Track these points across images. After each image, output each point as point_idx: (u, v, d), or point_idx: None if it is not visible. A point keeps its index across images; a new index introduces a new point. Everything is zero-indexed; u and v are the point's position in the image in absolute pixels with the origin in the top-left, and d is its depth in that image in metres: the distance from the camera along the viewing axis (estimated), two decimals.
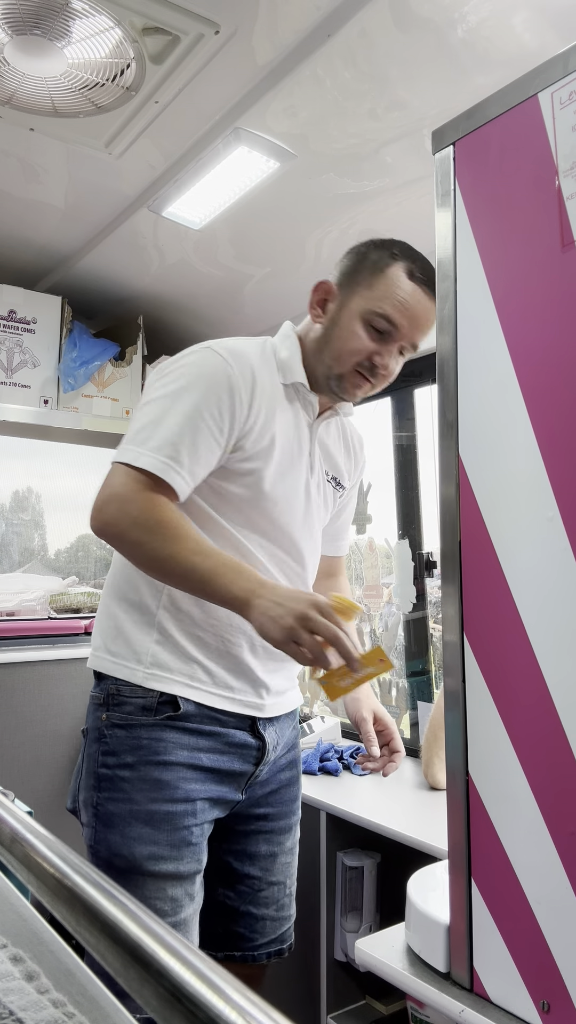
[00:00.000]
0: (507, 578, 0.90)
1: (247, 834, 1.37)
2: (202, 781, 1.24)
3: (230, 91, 1.51)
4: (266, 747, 1.31)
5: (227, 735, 1.27)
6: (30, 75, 1.46)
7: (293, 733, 1.43)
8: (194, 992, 0.31)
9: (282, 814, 1.40)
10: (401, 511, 2.41)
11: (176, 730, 1.23)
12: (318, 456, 1.37)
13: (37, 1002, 0.43)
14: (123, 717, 1.23)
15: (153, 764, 1.21)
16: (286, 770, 1.40)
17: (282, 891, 1.40)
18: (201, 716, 1.25)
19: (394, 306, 1.24)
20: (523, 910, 0.87)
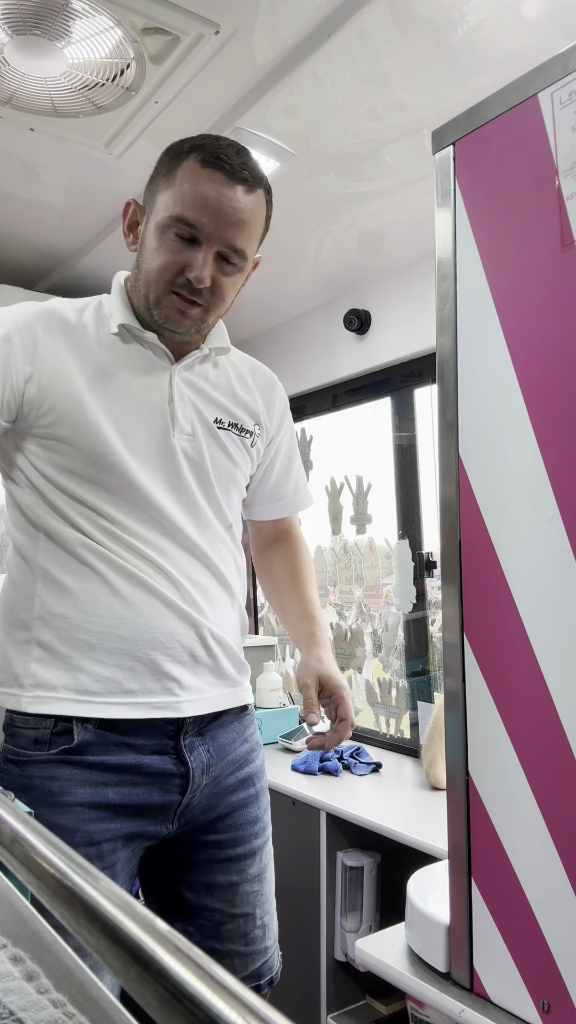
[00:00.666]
0: (507, 578, 0.90)
1: (199, 864, 1.19)
2: (110, 819, 1.07)
3: (230, 91, 1.51)
4: (190, 773, 1.12)
5: (139, 765, 1.09)
6: (30, 75, 1.46)
7: (244, 748, 1.22)
8: (194, 992, 0.31)
9: (238, 840, 1.20)
10: (401, 511, 2.41)
11: (73, 766, 1.06)
12: (187, 404, 1.16)
13: (37, 1002, 0.43)
14: (16, 752, 1.08)
15: (48, 807, 1.04)
16: (238, 791, 1.20)
17: (250, 923, 1.21)
18: (104, 744, 1.07)
19: (189, 204, 1.05)
20: (523, 910, 0.87)
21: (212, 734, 1.17)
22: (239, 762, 1.21)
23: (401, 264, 2.20)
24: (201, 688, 1.14)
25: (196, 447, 1.16)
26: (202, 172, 1.05)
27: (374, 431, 2.50)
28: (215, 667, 1.16)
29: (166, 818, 1.12)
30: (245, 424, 1.24)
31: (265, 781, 1.27)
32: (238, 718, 1.23)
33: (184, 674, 1.12)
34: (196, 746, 1.14)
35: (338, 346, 2.44)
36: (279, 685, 2.58)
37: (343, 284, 2.35)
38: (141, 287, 1.13)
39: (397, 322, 2.26)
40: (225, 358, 1.25)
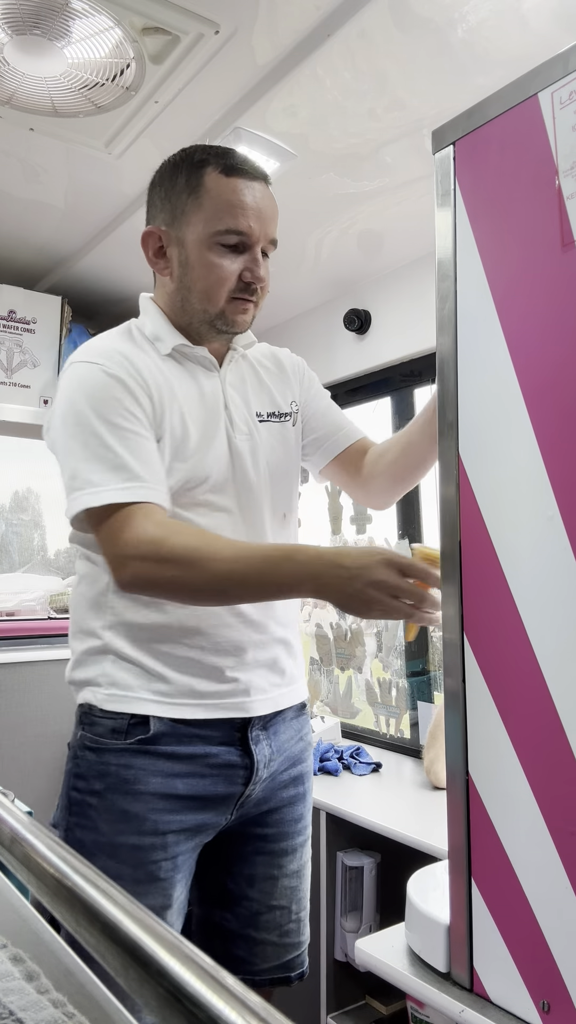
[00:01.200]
0: (507, 578, 0.90)
1: (244, 855, 1.26)
2: (177, 811, 1.13)
3: (230, 91, 1.51)
4: (255, 765, 1.19)
5: (209, 756, 1.15)
6: (30, 75, 1.46)
7: (299, 746, 1.30)
8: (194, 992, 0.31)
9: (284, 835, 1.28)
10: (401, 511, 2.41)
11: (148, 755, 1.12)
12: (238, 408, 1.23)
13: (37, 1002, 0.43)
14: (94, 739, 1.14)
15: (121, 794, 1.11)
16: (290, 787, 1.28)
17: (286, 916, 1.28)
18: (177, 736, 1.14)
19: (230, 214, 1.10)
20: (523, 910, 0.87)
21: (275, 729, 1.23)
22: (293, 760, 1.28)
23: (401, 264, 2.20)
24: (265, 688, 1.21)
25: (253, 444, 1.22)
26: (228, 181, 1.11)
27: (374, 431, 2.50)
28: (278, 667, 1.23)
29: (227, 809, 1.18)
30: (282, 408, 1.29)
31: (311, 783, 1.35)
32: (297, 716, 1.30)
33: (250, 676, 1.19)
34: (260, 740, 1.20)
35: (338, 346, 2.44)
36: None
37: (343, 284, 2.35)
38: (195, 303, 1.17)
39: (397, 322, 2.26)
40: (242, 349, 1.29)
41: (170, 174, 1.15)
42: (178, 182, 1.14)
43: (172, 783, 1.13)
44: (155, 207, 1.18)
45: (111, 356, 1.12)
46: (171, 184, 1.15)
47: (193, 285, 1.15)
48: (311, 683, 2.77)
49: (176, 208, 1.14)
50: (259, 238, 1.13)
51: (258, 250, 1.14)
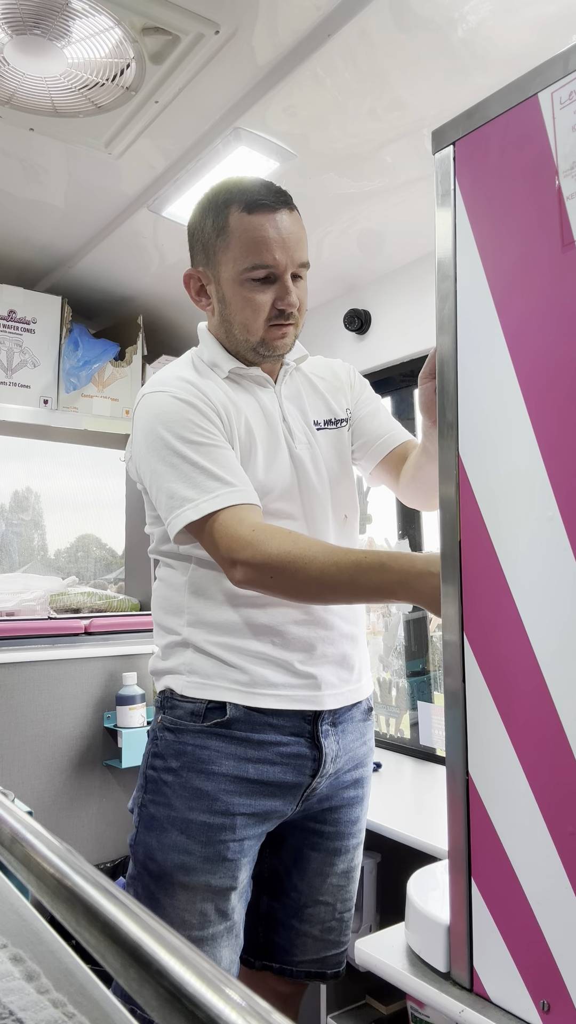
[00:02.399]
0: (507, 578, 0.90)
1: (299, 847, 1.32)
2: (247, 795, 1.20)
3: (230, 91, 1.51)
4: (323, 758, 1.25)
5: (280, 744, 1.22)
6: (30, 75, 1.46)
7: (363, 750, 1.35)
8: (194, 992, 0.31)
9: (339, 834, 1.33)
10: (401, 511, 2.41)
11: (223, 738, 1.20)
12: (295, 419, 1.31)
13: (37, 1002, 0.43)
14: (173, 721, 1.23)
15: (195, 772, 1.19)
16: (351, 788, 1.33)
17: (329, 912, 1.33)
18: (251, 723, 1.21)
19: (258, 250, 1.17)
20: (523, 910, 0.87)
21: (343, 728, 1.29)
22: (356, 762, 1.34)
23: (401, 264, 2.20)
24: (335, 683, 1.27)
25: (312, 452, 1.30)
26: (251, 219, 1.17)
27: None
28: (347, 662, 1.29)
29: (294, 798, 1.25)
30: (337, 414, 1.37)
31: (369, 788, 1.39)
32: (364, 719, 1.36)
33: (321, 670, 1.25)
34: (329, 735, 1.26)
35: (338, 346, 2.44)
36: None
37: (343, 284, 2.35)
38: (238, 335, 1.25)
39: (397, 322, 2.26)
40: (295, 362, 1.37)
41: (200, 218, 1.24)
42: (207, 225, 1.22)
43: (244, 767, 1.20)
44: (193, 249, 1.27)
45: (176, 383, 1.22)
46: (202, 227, 1.23)
47: (233, 319, 1.24)
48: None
49: (208, 250, 1.23)
50: (286, 267, 1.19)
51: (287, 278, 1.20)
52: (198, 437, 1.17)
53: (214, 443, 1.18)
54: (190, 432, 1.17)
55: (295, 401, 1.33)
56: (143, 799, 1.22)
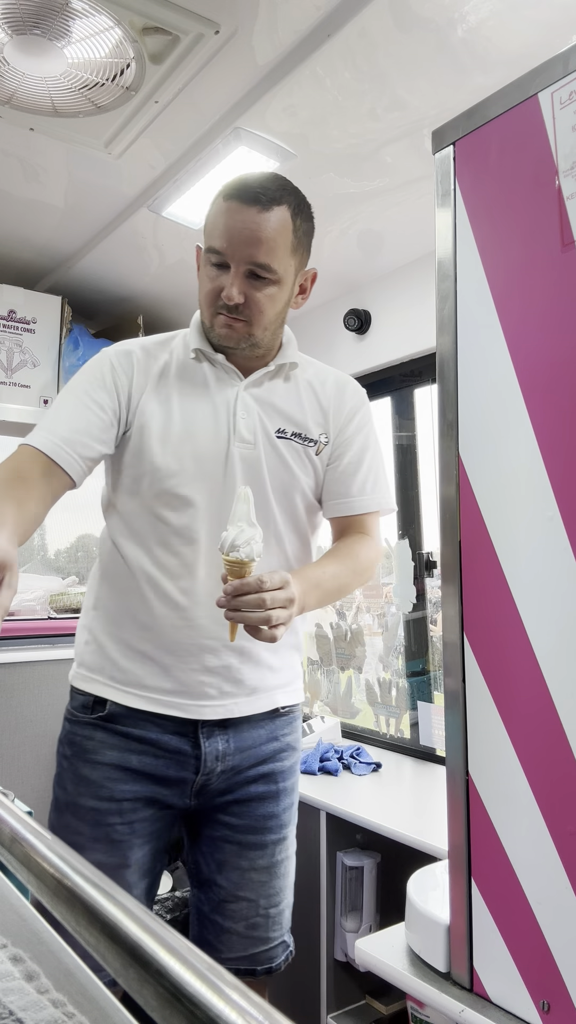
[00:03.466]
0: (507, 578, 0.90)
1: (214, 840, 1.30)
2: (132, 781, 1.23)
3: (230, 91, 1.51)
4: (203, 757, 1.23)
5: (159, 741, 1.23)
6: (30, 75, 1.46)
7: (273, 746, 1.30)
8: (194, 992, 0.31)
9: (252, 828, 1.28)
10: (401, 511, 2.41)
11: (107, 731, 1.24)
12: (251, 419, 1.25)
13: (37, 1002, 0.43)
14: (69, 712, 1.29)
15: (82, 761, 1.24)
16: (258, 784, 1.29)
17: (253, 909, 1.29)
18: (132, 718, 1.23)
19: (213, 235, 1.18)
20: (523, 910, 0.87)
21: (237, 729, 1.27)
22: (263, 758, 1.29)
23: (401, 264, 2.20)
24: (214, 696, 1.23)
25: (255, 455, 1.25)
26: (224, 204, 1.17)
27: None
28: (232, 676, 1.24)
29: (183, 792, 1.25)
30: (310, 433, 1.30)
31: (292, 784, 1.34)
32: (270, 718, 1.30)
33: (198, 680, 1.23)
34: (215, 735, 1.25)
35: (338, 346, 2.44)
36: None
37: (343, 284, 2.35)
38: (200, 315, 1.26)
39: (397, 322, 2.26)
40: (300, 371, 1.33)
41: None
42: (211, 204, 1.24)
43: (127, 757, 1.23)
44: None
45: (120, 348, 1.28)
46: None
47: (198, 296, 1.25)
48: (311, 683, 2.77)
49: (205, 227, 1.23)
50: (237, 259, 1.16)
51: (236, 271, 1.16)
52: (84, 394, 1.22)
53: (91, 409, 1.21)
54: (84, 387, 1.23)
55: (262, 403, 1.28)
56: (53, 780, 1.30)
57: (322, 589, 1.21)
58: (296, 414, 1.30)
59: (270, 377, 1.30)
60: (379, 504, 1.35)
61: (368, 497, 1.34)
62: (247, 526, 1.04)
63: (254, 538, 1.04)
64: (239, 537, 1.03)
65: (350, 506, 1.33)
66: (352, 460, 1.33)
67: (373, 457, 1.36)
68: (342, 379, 1.38)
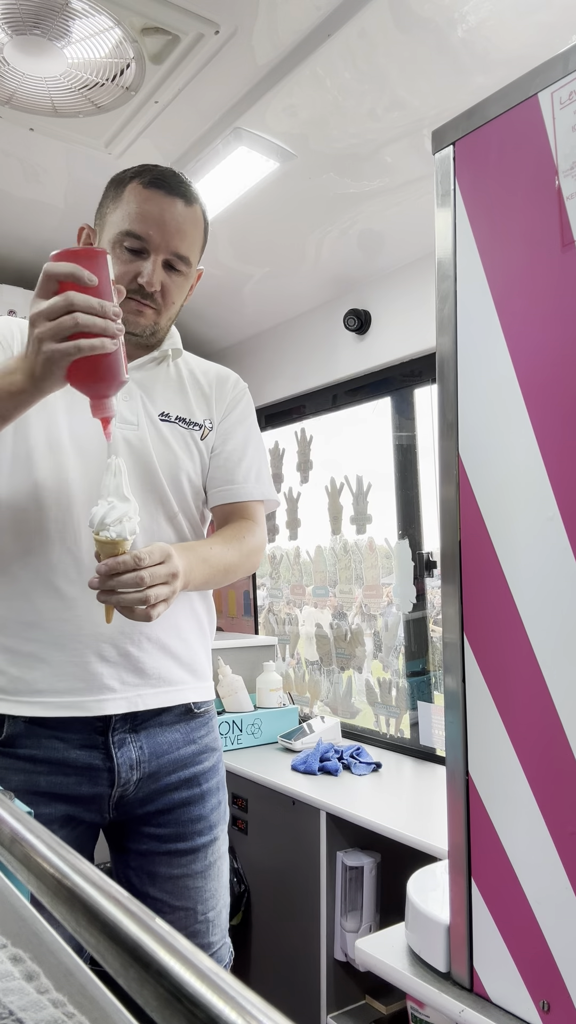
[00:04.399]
0: (507, 578, 0.90)
1: (142, 853, 1.24)
2: (44, 804, 1.13)
3: (230, 91, 1.51)
4: (115, 769, 1.16)
5: (67, 759, 1.14)
6: (30, 75, 1.46)
7: (191, 749, 1.24)
8: (194, 992, 0.31)
9: (181, 835, 1.23)
10: (401, 511, 2.41)
11: (7, 756, 1.14)
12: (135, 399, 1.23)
13: (37, 1002, 0.43)
14: None
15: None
16: (181, 789, 1.23)
17: (191, 917, 1.24)
18: (35, 737, 1.13)
19: (135, 219, 1.16)
20: (523, 910, 0.87)
21: (149, 733, 1.19)
22: (182, 762, 1.23)
23: (401, 264, 2.20)
24: (115, 688, 1.15)
25: (140, 436, 1.22)
26: (145, 191, 1.17)
27: (374, 431, 2.50)
28: (134, 664, 1.17)
29: (100, 808, 1.17)
30: (194, 417, 1.30)
31: (216, 783, 1.28)
32: (183, 720, 1.24)
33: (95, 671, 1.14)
34: (127, 743, 1.17)
35: (338, 346, 2.44)
36: (279, 685, 2.58)
37: (343, 284, 2.35)
38: None
39: (397, 322, 2.26)
40: (183, 361, 1.33)
41: (111, 182, 1.23)
42: (109, 191, 1.23)
43: (35, 779, 1.13)
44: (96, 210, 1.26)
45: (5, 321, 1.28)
46: (107, 190, 1.23)
47: None
48: (311, 683, 2.77)
49: (102, 211, 1.22)
50: (159, 247, 1.16)
51: (157, 258, 1.17)
52: None
53: None
54: None
55: (144, 387, 1.26)
56: None
57: (209, 565, 1.16)
58: (178, 399, 1.29)
59: (155, 363, 1.29)
60: (263, 494, 1.35)
61: (252, 485, 1.33)
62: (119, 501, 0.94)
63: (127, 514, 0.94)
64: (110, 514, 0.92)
65: (235, 493, 1.32)
66: (236, 448, 1.33)
67: (256, 450, 1.36)
68: (224, 371, 1.38)
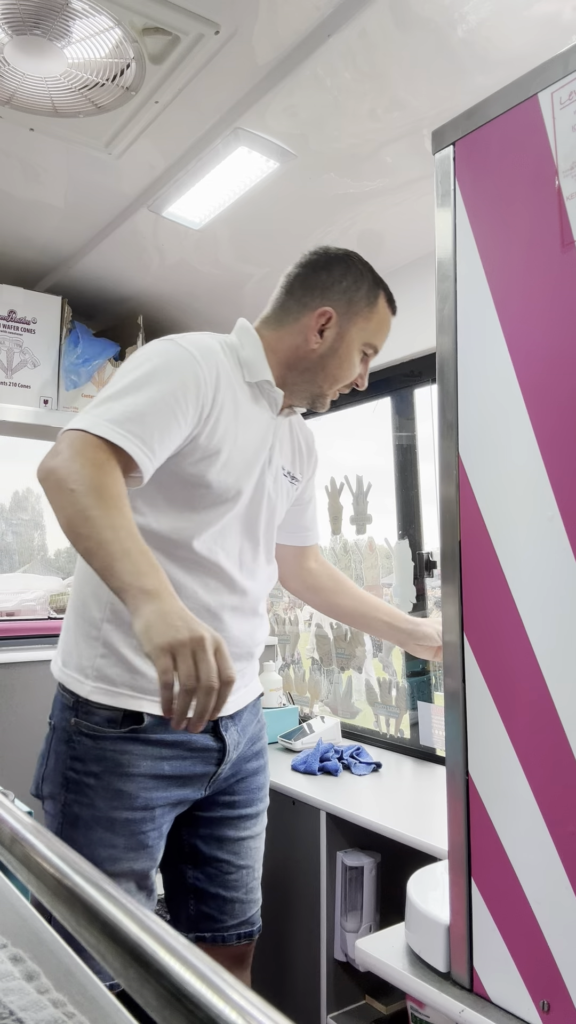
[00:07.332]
0: (507, 578, 0.90)
1: (214, 820, 1.40)
2: (163, 788, 1.28)
3: (230, 91, 1.51)
4: (227, 748, 1.35)
5: (189, 742, 1.30)
6: (30, 75, 1.46)
7: (257, 726, 1.48)
8: (194, 992, 0.31)
9: (249, 801, 1.44)
10: (401, 511, 2.41)
11: (139, 742, 1.26)
12: (276, 451, 1.39)
13: (37, 1002, 0.43)
14: (91, 727, 1.26)
15: (116, 775, 1.25)
16: (252, 760, 1.45)
17: (251, 875, 1.45)
18: (163, 725, 1.27)
19: (381, 339, 1.40)
20: (523, 910, 0.87)
21: (239, 716, 1.40)
22: (254, 738, 1.46)
23: (401, 264, 2.20)
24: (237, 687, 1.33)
25: (276, 487, 1.40)
26: (388, 312, 1.40)
27: (374, 431, 2.50)
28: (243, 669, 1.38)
29: (203, 786, 1.35)
30: (296, 474, 1.50)
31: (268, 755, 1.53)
32: (255, 704, 1.49)
33: None
34: (230, 727, 1.37)
35: None
36: (279, 685, 2.57)
37: None
38: (318, 378, 1.37)
39: (397, 322, 2.25)
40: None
41: (355, 275, 1.36)
42: (361, 290, 1.36)
43: (159, 765, 1.28)
44: (332, 292, 1.35)
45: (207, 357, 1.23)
46: (355, 287, 1.36)
47: (327, 367, 1.36)
48: (311, 683, 2.77)
49: (352, 307, 1.35)
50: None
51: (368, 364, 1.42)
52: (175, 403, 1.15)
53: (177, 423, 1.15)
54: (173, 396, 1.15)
55: (282, 441, 1.43)
56: (65, 798, 1.26)
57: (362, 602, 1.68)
58: (290, 455, 1.48)
59: (287, 418, 1.45)
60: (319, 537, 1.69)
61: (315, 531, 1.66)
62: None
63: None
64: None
65: (310, 538, 1.65)
66: (310, 499, 1.62)
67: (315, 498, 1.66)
68: (309, 433, 1.58)
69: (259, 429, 1.33)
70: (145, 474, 1.12)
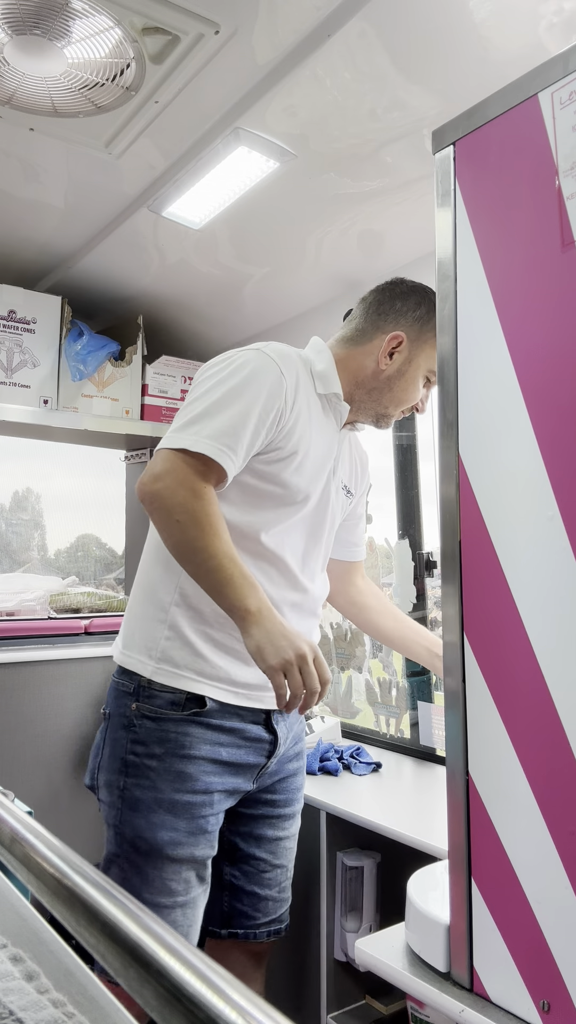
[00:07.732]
0: (507, 578, 0.90)
1: (254, 818, 1.46)
2: (220, 774, 1.34)
3: (230, 91, 1.51)
4: (278, 740, 1.41)
5: (244, 730, 1.37)
6: (30, 75, 1.46)
7: (300, 727, 1.54)
8: (194, 992, 0.31)
9: (288, 801, 1.50)
10: (401, 511, 2.41)
11: (200, 726, 1.32)
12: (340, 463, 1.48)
13: (37, 1002, 0.43)
14: (153, 710, 1.32)
15: (179, 757, 1.30)
16: (293, 760, 1.51)
17: (284, 874, 1.50)
18: (223, 712, 1.34)
19: None
20: (523, 910, 0.87)
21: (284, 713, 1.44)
22: (297, 736, 1.52)
23: (401, 264, 2.20)
24: None
25: (338, 500, 1.49)
26: None
27: (374, 431, 2.50)
28: None
29: (251, 777, 1.41)
30: (352, 489, 1.58)
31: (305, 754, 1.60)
32: None
33: None
34: (279, 721, 1.43)
35: None
36: None
37: (343, 284, 2.35)
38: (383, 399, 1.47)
39: None
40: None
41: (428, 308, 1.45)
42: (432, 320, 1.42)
43: (217, 750, 1.34)
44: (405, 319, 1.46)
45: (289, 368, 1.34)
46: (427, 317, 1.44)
47: (393, 389, 1.46)
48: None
49: (422, 336, 1.44)
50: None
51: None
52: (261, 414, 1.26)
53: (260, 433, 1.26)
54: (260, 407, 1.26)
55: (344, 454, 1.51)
56: (124, 782, 1.31)
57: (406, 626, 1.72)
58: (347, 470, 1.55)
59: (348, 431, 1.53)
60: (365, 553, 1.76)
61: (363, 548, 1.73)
62: None
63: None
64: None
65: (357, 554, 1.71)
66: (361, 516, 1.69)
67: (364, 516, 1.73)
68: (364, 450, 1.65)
69: (327, 439, 1.42)
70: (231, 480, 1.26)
